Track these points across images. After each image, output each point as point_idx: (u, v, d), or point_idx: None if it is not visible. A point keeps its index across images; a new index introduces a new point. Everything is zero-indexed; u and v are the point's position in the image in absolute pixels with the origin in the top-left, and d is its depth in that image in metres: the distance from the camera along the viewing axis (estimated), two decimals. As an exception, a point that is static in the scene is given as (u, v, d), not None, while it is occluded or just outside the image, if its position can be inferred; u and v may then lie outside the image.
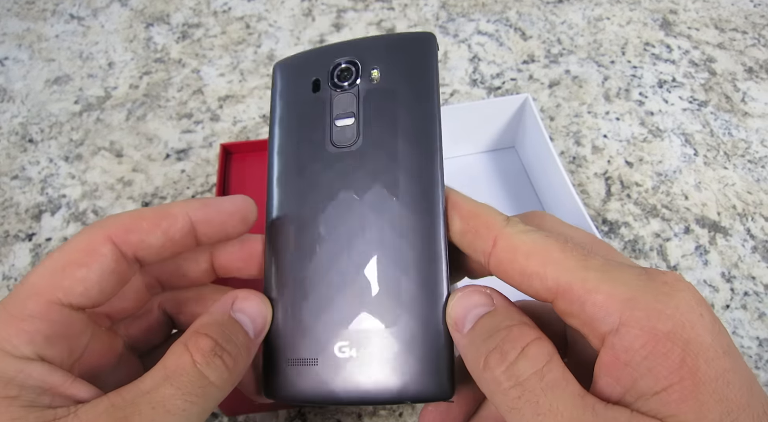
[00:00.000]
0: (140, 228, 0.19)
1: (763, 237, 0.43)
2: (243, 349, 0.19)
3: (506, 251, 0.18)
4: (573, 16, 0.61)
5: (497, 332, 0.17)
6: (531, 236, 0.17)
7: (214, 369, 0.18)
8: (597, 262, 0.16)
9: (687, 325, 0.15)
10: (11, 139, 0.51)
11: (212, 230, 0.21)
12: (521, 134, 0.45)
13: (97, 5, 0.65)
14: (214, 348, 0.18)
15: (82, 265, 0.18)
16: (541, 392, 0.15)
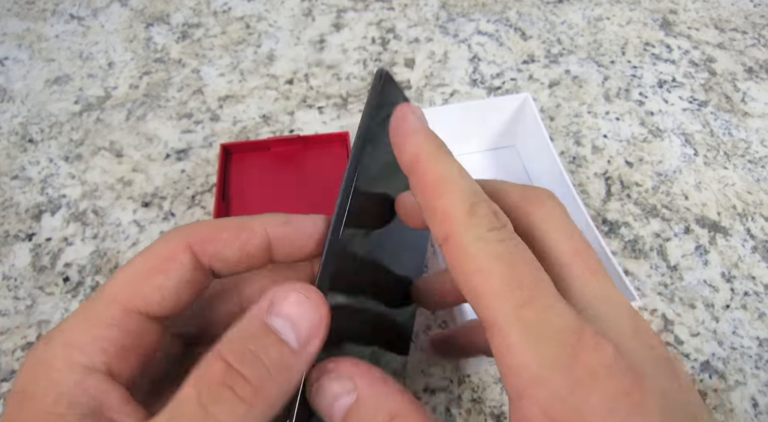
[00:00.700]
0: (219, 238, 0.18)
1: (763, 238, 0.43)
2: (276, 369, 0.15)
3: (454, 257, 0.15)
4: (573, 16, 0.61)
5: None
6: (483, 249, 0.15)
7: (222, 404, 0.14)
8: (531, 315, 0.14)
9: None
10: (11, 139, 0.51)
11: (288, 250, 0.19)
12: (521, 133, 0.45)
13: (97, 5, 0.65)
14: (225, 374, 0.14)
15: (160, 272, 0.17)
16: None
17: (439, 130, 0.49)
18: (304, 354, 0.15)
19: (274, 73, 0.56)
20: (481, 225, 0.15)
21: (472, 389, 0.35)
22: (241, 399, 0.14)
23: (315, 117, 0.52)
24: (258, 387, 0.14)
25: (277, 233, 0.19)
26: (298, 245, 0.19)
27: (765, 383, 0.36)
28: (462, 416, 0.34)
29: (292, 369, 0.15)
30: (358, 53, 0.58)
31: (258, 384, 0.14)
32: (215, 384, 0.14)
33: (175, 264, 0.17)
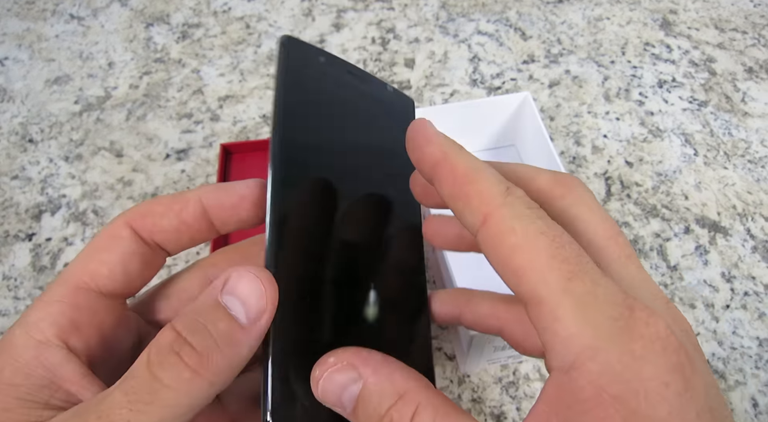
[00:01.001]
0: (154, 212, 0.19)
1: (763, 237, 0.43)
2: (223, 340, 0.15)
3: (494, 235, 0.15)
4: (573, 16, 0.61)
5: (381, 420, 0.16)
6: (525, 225, 0.15)
7: (168, 368, 0.15)
8: (581, 287, 0.14)
9: (641, 395, 0.13)
10: (11, 139, 0.51)
11: (225, 214, 0.20)
12: (521, 133, 0.45)
13: (97, 5, 0.65)
14: (173, 342, 0.15)
15: (104, 249, 0.18)
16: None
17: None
18: (253, 330, 0.16)
19: (274, 73, 0.56)
20: (520, 203, 0.15)
21: (472, 389, 0.35)
22: (187, 365, 0.15)
23: (315, 117, 0.52)
24: (204, 355, 0.15)
25: (210, 199, 0.19)
26: (233, 209, 0.20)
27: (765, 383, 0.36)
28: (462, 416, 0.34)
29: (240, 342, 0.16)
30: (358, 53, 0.58)
31: (204, 352, 0.15)
32: (164, 351, 0.15)
33: (116, 240, 0.18)
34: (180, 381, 0.15)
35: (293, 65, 0.21)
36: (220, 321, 0.16)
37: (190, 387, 0.15)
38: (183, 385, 0.15)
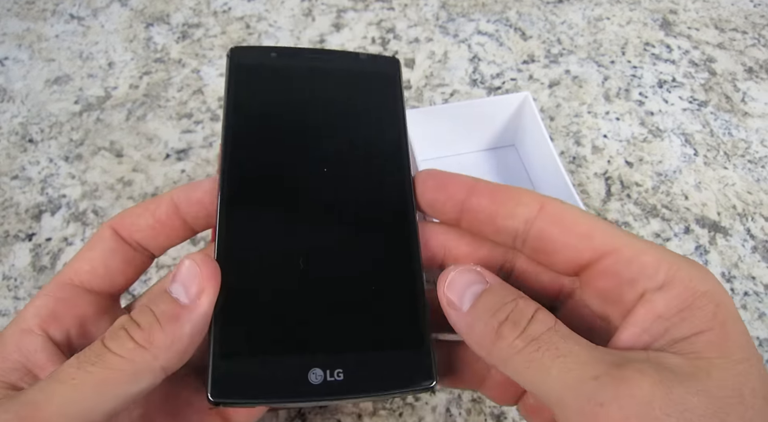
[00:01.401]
0: (132, 213, 0.21)
1: (763, 238, 0.43)
2: (164, 318, 0.17)
3: (554, 214, 0.18)
4: (573, 16, 0.61)
5: (503, 306, 0.17)
6: (575, 207, 0.19)
7: (116, 339, 0.17)
8: (636, 236, 0.18)
9: (720, 291, 0.16)
10: (11, 139, 0.51)
11: (194, 209, 0.21)
12: (521, 132, 0.45)
13: (97, 5, 0.65)
14: (124, 322, 0.18)
15: (88, 249, 0.21)
16: (558, 339, 0.16)
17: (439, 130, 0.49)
18: (194, 308, 0.18)
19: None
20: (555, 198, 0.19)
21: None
22: (131, 337, 0.17)
23: (315, 117, 0.52)
24: (146, 330, 0.17)
25: (181, 196, 0.21)
26: (200, 204, 0.21)
27: (765, 383, 0.36)
28: (462, 416, 0.34)
29: (181, 319, 0.17)
30: (358, 53, 0.58)
31: (146, 328, 0.17)
32: (115, 328, 0.18)
33: (99, 240, 0.21)
34: (124, 350, 0.17)
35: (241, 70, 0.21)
36: (162, 302, 0.18)
37: (134, 356, 0.17)
38: (127, 354, 0.17)
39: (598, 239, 0.17)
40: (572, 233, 0.18)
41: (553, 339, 0.16)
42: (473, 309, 0.18)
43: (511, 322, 0.17)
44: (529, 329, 0.17)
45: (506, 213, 0.19)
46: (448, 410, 0.34)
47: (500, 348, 0.17)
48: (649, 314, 0.16)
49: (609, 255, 0.17)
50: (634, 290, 0.17)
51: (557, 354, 0.16)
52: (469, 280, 0.18)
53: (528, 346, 0.16)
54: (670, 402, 0.14)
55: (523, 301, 0.18)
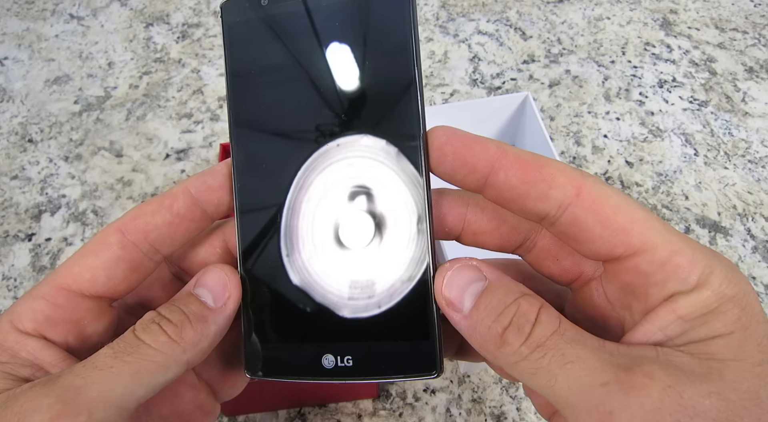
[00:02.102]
0: (144, 211, 0.20)
1: (763, 238, 0.43)
2: (194, 316, 0.19)
3: (592, 202, 0.17)
4: (573, 16, 0.61)
5: (506, 309, 0.17)
6: (615, 191, 0.17)
7: (150, 332, 0.18)
8: (674, 230, 0.17)
9: (748, 293, 0.16)
10: (11, 139, 0.51)
11: (215, 196, 0.20)
12: (521, 132, 0.45)
13: (96, 5, 0.65)
14: (154, 317, 0.18)
15: (91, 254, 0.20)
16: (564, 345, 0.16)
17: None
18: (220, 311, 0.19)
19: (274, 72, 0.56)
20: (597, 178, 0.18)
21: (472, 389, 0.35)
22: (164, 331, 0.18)
23: (315, 117, 0.52)
24: (178, 326, 0.18)
25: (197, 185, 0.20)
26: (221, 189, 0.21)
27: (765, 383, 0.36)
28: (462, 416, 0.34)
29: (208, 320, 0.19)
30: (358, 53, 0.57)
31: (178, 324, 0.18)
32: (146, 322, 0.18)
33: (104, 246, 0.20)
34: (158, 343, 0.18)
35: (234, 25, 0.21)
36: (192, 304, 0.19)
37: (166, 349, 0.18)
38: (160, 346, 0.18)
39: (636, 235, 0.16)
40: (609, 226, 0.17)
41: (558, 344, 0.16)
42: (475, 312, 0.17)
43: (515, 328, 0.16)
44: (534, 334, 0.16)
45: (538, 195, 0.17)
46: (448, 410, 0.34)
47: (505, 354, 0.16)
48: (670, 314, 0.16)
49: (644, 254, 0.16)
50: (663, 291, 0.16)
51: (564, 360, 0.15)
52: (468, 278, 0.18)
53: (534, 353, 0.16)
54: (680, 408, 0.14)
55: (526, 301, 0.17)
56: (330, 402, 0.35)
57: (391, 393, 0.35)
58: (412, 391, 0.35)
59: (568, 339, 0.16)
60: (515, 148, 0.18)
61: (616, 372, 0.15)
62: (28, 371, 0.19)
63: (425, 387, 0.36)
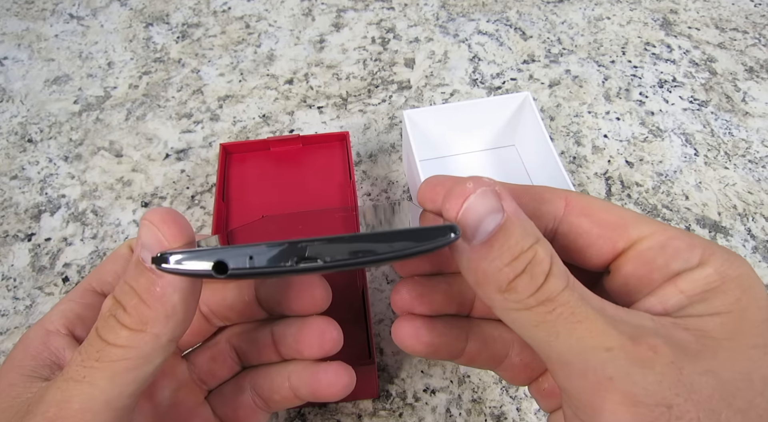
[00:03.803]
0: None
1: (763, 238, 0.43)
2: (146, 293, 0.16)
3: (582, 207, 0.18)
4: (573, 16, 0.61)
5: (522, 254, 0.15)
6: (597, 198, 0.18)
7: (109, 329, 0.16)
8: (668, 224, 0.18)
9: (751, 277, 0.17)
10: (10, 139, 0.51)
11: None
12: (521, 133, 0.45)
13: (96, 5, 0.65)
14: (111, 307, 0.17)
15: (113, 262, 0.21)
16: (575, 303, 0.15)
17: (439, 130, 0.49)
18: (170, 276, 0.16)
19: (273, 72, 0.56)
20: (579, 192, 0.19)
21: (472, 389, 0.35)
22: (122, 324, 0.16)
23: (315, 117, 0.51)
24: (133, 314, 0.16)
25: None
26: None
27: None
28: (462, 416, 0.34)
29: (165, 289, 0.16)
30: (358, 53, 0.57)
31: (134, 311, 0.16)
32: (104, 316, 0.17)
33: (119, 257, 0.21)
34: (122, 339, 0.16)
35: None
36: (140, 277, 0.16)
37: (132, 343, 0.16)
38: (125, 342, 0.16)
39: (631, 228, 0.17)
40: (604, 224, 0.17)
41: (570, 301, 0.15)
42: (487, 249, 0.15)
43: (528, 276, 0.15)
44: (546, 286, 0.15)
45: (532, 214, 0.17)
46: (448, 410, 0.34)
47: (507, 300, 0.15)
48: (671, 288, 0.16)
49: (643, 241, 0.17)
50: (666, 272, 0.17)
51: (572, 319, 0.15)
52: (489, 208, 0.16)
53: (541, 306, 0.15)
54: (679, 384, 0.14)
55: (542, 248, 0.15)
56: (330, 402, 0.35)
57: (391, 393, 0.35)
58: (412, 391, 0.35)
59: (578, 297, 0.15)
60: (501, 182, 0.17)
61: (622, 340, 0.14)
62: (47, 371, 0.19)
63: (425, 387, 0.35)
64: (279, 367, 0.23)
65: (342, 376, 0.22)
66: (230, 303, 0.22)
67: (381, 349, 0.37)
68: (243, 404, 0.23)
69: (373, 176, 0.47)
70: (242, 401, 0.23)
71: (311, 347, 0.22)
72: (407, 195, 0.45)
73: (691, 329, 0.15)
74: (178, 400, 0.22)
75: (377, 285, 0.40)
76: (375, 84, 0.54)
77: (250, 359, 0.24)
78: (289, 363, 0.23)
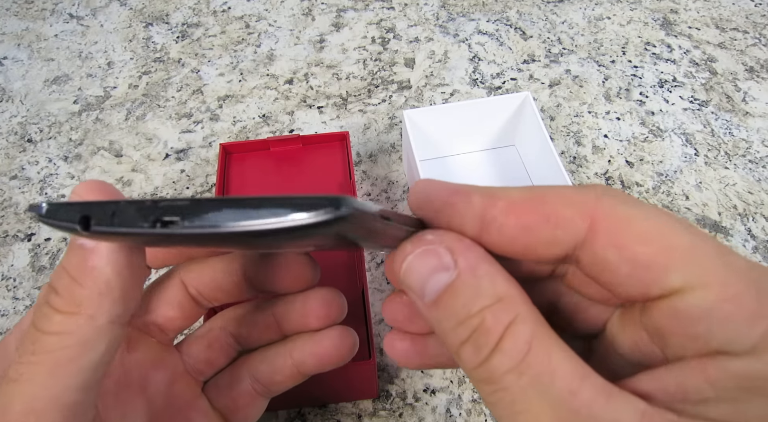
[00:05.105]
0: None
1: (764, 238, 0.43)
2: (77, 271, 0.15)
3: (612, 233, 0.13)
4: (573, 16, 0.61)
5: (467, 320, 0.13)
6: (641, 208, 0.13)
7: (42, 317, 0.15)
8: (739, 261, 0.12)
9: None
10: (10, 139, 0.51)
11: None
12: (521, 133, 0.45)
13: (96, 5, 0.65)
14: (46, 293, 0.15)
15: None
16: (518, 391, 0.12)
17: (439, 130, 0.49)
18: (102, 248, 0.15)
19: (273, 72, 0.56)
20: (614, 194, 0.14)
21: (473, 389, 0.35)
22: (55, 309, 0.15)
23: (315, 117, 0.51)
24: (65, 295, 0.15)
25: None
26: None
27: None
28: (462, 416, 0.34)
29: (95, 263, 0.15)
30: (358, 53, 0.57)
31: (65, 292, 0.15)
32: (39, 303, 0.15)
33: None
34: (56, 325, 0.15)
35: None
36: (71, 255, 0.15)
37: (67, 328, 0.15)
38: (59, 328, 0.14)
39: (674, 272, 0.12)
40: (638, 262, 0.12)
41: (511, 386, 0.12)
42: (436, 310, 0.14)
43: (471, 346, 0.13)
44: (489, 363, 0.13)
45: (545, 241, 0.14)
46: (448, 410, 0.34)
47: (461, 366, 0.14)
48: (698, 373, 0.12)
49: (685, 295, 0.12)
50: (701, 347, 0.12)
51: (512, 409, 0.13)
52: (432, 267, 0.14)
53: (483, 384, 0.13)
54: None
55: (492, 314, 0.13)
56: (330, 402, 0.35)
57: (391, 393, 0.35)
58: (412, 391, 0.35)
59: (526, 383, 0.12)
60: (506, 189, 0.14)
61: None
62: None
63: (425, 387, 0.35)
64: (278, 348, 0.23)
65: (346, 337, 0.22)
66: (219, 283, 0.21)
67: (381, 349, 0.37)
68: (242, 392, 0.23)
69: (373, 176, 0.47)
70: (241, 390, 0.23)
71: (319, 318, 0.21)
72: (407, 195, 0.45)
73: None
74: (174, 394, 0.22)
75: (377, 285, 0.40)
76: (375, 84, 0.54)
77: (250, 342, 0.23)
78: (287, 342, 0.23)
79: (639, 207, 0.13)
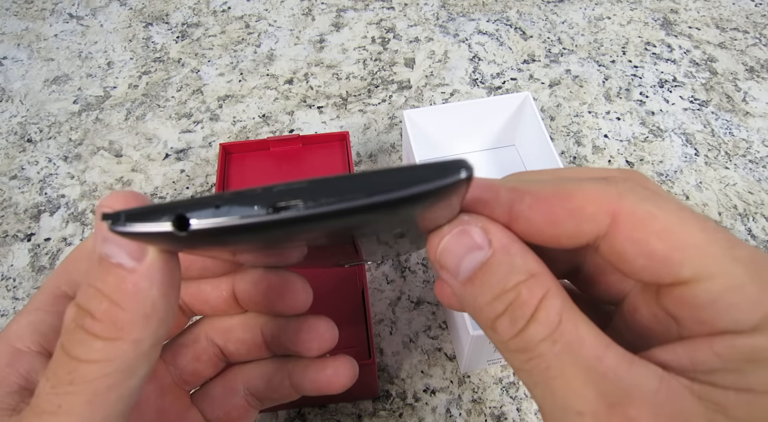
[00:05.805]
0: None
1: (764, 237, 0.43)
2: (117, 295, 0.14)
3: (632, 229, 0.14)
4: (573, 16, 0.61)
5: (503, 294, 0.14)
6: (661, 206, 0.14)
7: (78, 343, 0.14)
8: (745, 253, 0.13)
9: None
10: (10, 139, 0.51)
11: None
12: (521, 133, 0.45)
13: (96, 4, 0.65)
14: (76, 317, 0.14)
15: (80, 259, 0.18)
16: (552, 357, 0.13)
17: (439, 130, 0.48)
18: (144, 267, 0.14)
19: (273, 72, 0.56)
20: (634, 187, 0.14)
21: (473, 389, 0.35)
22: (94, 335, 0.14)
23: (315, 117, 0.51)
24: (105, 320, 0.14)
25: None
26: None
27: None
28: (462, 416, 0.34)
29: (138, 285, 0.14)
30: (358, 53, 0.57)
31: (104, 317, 0.14)
32: (70, 328, 0.14)
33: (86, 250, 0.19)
34: (95, 353, 0.14)
35: None
36: (107, 275, 0.14)
37: (109, 354, 0.14)
38: (100, 355, 0.14)
39: (687, 264, 0.13)
40: (654, 257, 0.14)
41: (546, 353, 0.14)
42: (471, 287, 0.15)
43: (508, 318, 0.14)
44: (525, 333, 0.14)
45: (570, 234, 0.15)
46: (448, 410, 0.34)
47: (495, 340, 0.15)
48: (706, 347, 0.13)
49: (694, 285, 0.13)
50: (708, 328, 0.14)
51: (547, 374, 0.14)
52: (467, 245, 0.15)
53: (519, 353, 0.14)
54: None
55: (527, 288, 0.14)
56: (330, 402, 0.35)
57: (391, 393, 0.35)
58: (412, 391, 0.35)
59: (559, 349, 0.13)
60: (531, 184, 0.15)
61: (597, 405, 0.13)
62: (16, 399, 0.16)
63: (425, 387, 0.35)
64: (276, 366, 0.22)
65: (348, 369, 0.22)
66: (206, 297, 0.21)
67: (381, 349, 0.37)
68: (236, 405, 0.22)
69: (373, 176, 0.47)
70: (236, 402, 0.22)
71: (311, 350, 0.22)
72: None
73: (705, 400, 0.13)
74: (165, 407, 0.21)
75: (377, 285, 0.40)
76: (375, 84, 0.54)
77: (237, 357, 0.23)
78: (286, 362, 0.22)
79: (659, 203, 0.14)
